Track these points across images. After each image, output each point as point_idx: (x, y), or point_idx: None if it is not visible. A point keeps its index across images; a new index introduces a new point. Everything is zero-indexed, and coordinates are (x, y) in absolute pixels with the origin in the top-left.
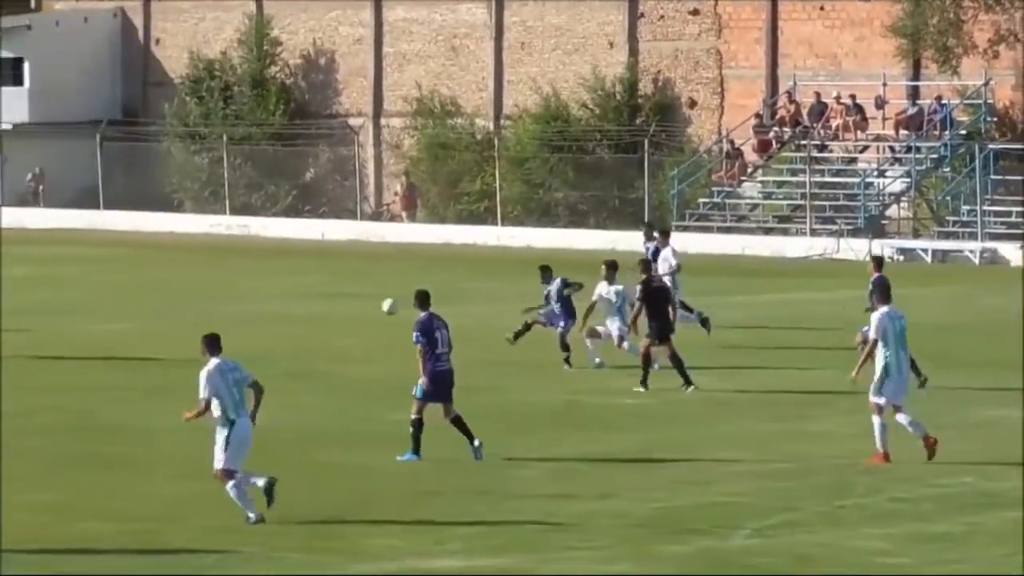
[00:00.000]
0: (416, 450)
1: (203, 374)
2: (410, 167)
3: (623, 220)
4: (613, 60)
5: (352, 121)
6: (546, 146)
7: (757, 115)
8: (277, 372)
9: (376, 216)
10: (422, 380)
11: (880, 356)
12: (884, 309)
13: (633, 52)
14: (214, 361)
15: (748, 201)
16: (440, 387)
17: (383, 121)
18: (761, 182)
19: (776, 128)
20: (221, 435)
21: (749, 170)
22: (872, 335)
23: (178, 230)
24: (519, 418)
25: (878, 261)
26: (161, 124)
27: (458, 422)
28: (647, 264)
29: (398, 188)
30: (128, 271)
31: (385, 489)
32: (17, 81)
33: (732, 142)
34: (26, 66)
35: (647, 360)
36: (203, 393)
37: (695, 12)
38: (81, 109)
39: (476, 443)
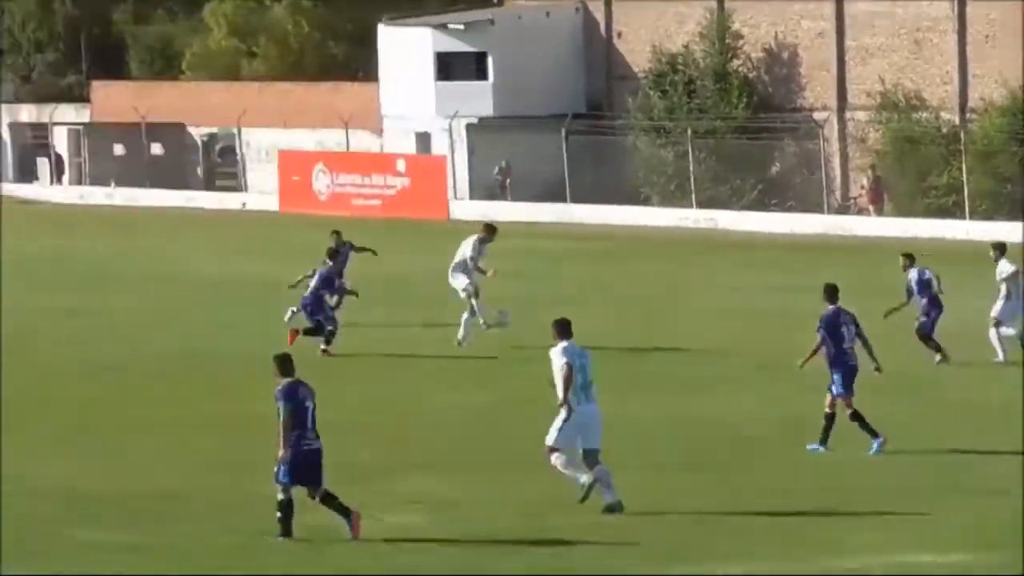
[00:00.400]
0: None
1: (553, 352)
2: (876, 161)
3: None
4: None
5: (816, 115)
6: (1014, 140)
7: None
8: (747, 365)
9: (843, 210)
10: (835, 375)
11: None
12: None
13: None
14: (562, 343)
15: None
16: (852, 380)
17: (847, 115)
18: None
19: None
20: (560, 416)
21: None
22: None
23: (645, 224)
24: (984, 414)
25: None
26: (625, 118)
27: (856, 416)
28: None
29: (864, 182)
30: (596, 265)
31: (862, 483)
32: (481, 75)
33: None
34: (489, 60)
35: None
36: (558, 370)
37: None
38: (545, 103)
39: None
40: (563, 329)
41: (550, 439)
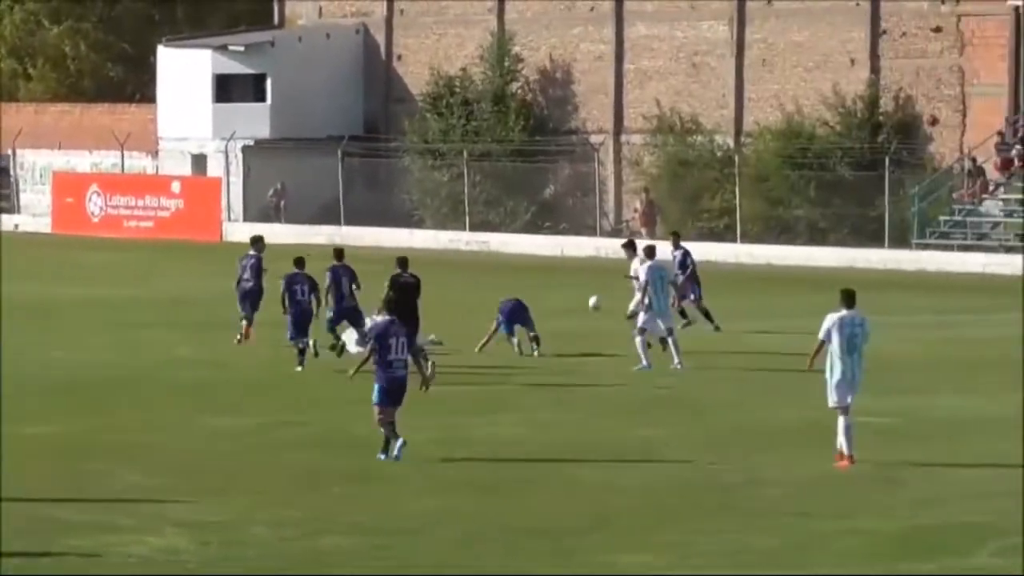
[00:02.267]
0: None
1: None
2: (649, 184)
3: (863, 238)
4: (854, 77)
5: (592, 138)
6: (787, 163)
7: (999, 133)
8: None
9: (615, 232)
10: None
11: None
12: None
13: (874, 70)
14: None
15: (989, 219)
16: (395, 394)
17: (623, 138)
18: (1003, 200)
19: (1019, 146)
20: None
21: (991, 188)
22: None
23: (417, 246)
24: (761, 436)
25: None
26: (401, 140)
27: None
28: None
29: (637, 205)
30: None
31: (626, 505)
32: (259, 97)
33: (974, 160)
34: (268, 82)
35: None
36: None
37: (938, 29)
38: (323, 125)
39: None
40: None
41: None
